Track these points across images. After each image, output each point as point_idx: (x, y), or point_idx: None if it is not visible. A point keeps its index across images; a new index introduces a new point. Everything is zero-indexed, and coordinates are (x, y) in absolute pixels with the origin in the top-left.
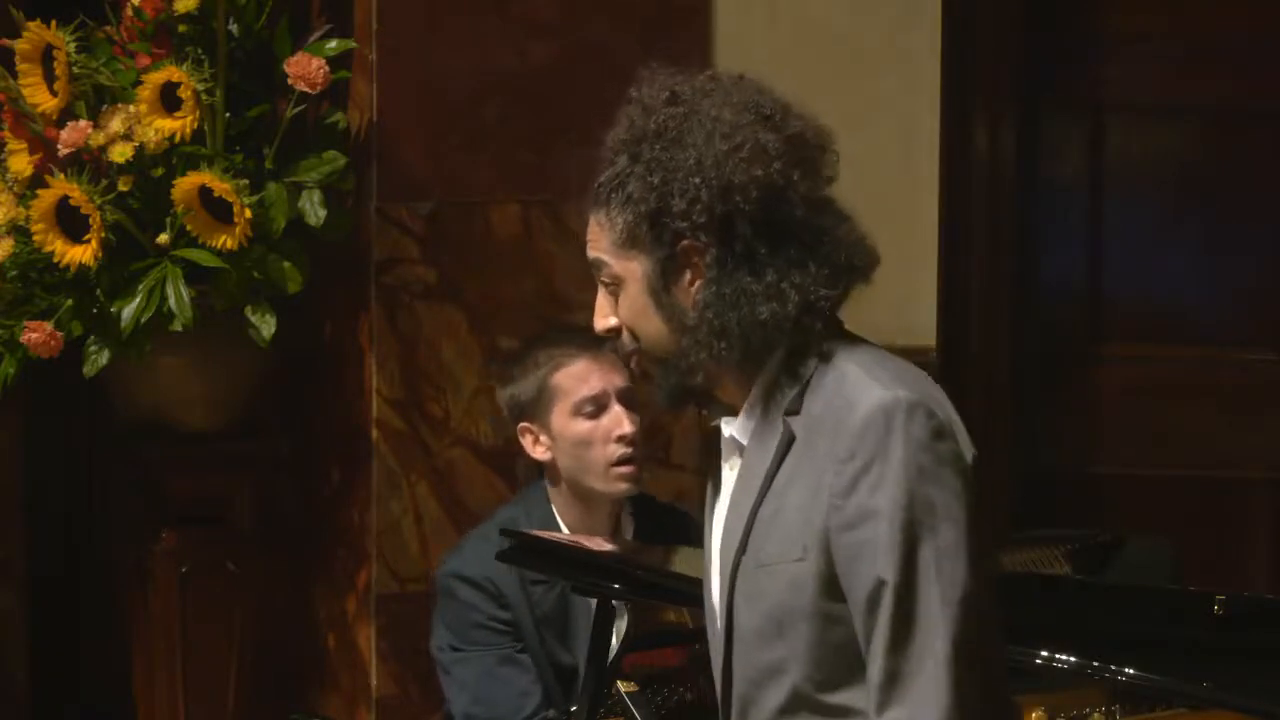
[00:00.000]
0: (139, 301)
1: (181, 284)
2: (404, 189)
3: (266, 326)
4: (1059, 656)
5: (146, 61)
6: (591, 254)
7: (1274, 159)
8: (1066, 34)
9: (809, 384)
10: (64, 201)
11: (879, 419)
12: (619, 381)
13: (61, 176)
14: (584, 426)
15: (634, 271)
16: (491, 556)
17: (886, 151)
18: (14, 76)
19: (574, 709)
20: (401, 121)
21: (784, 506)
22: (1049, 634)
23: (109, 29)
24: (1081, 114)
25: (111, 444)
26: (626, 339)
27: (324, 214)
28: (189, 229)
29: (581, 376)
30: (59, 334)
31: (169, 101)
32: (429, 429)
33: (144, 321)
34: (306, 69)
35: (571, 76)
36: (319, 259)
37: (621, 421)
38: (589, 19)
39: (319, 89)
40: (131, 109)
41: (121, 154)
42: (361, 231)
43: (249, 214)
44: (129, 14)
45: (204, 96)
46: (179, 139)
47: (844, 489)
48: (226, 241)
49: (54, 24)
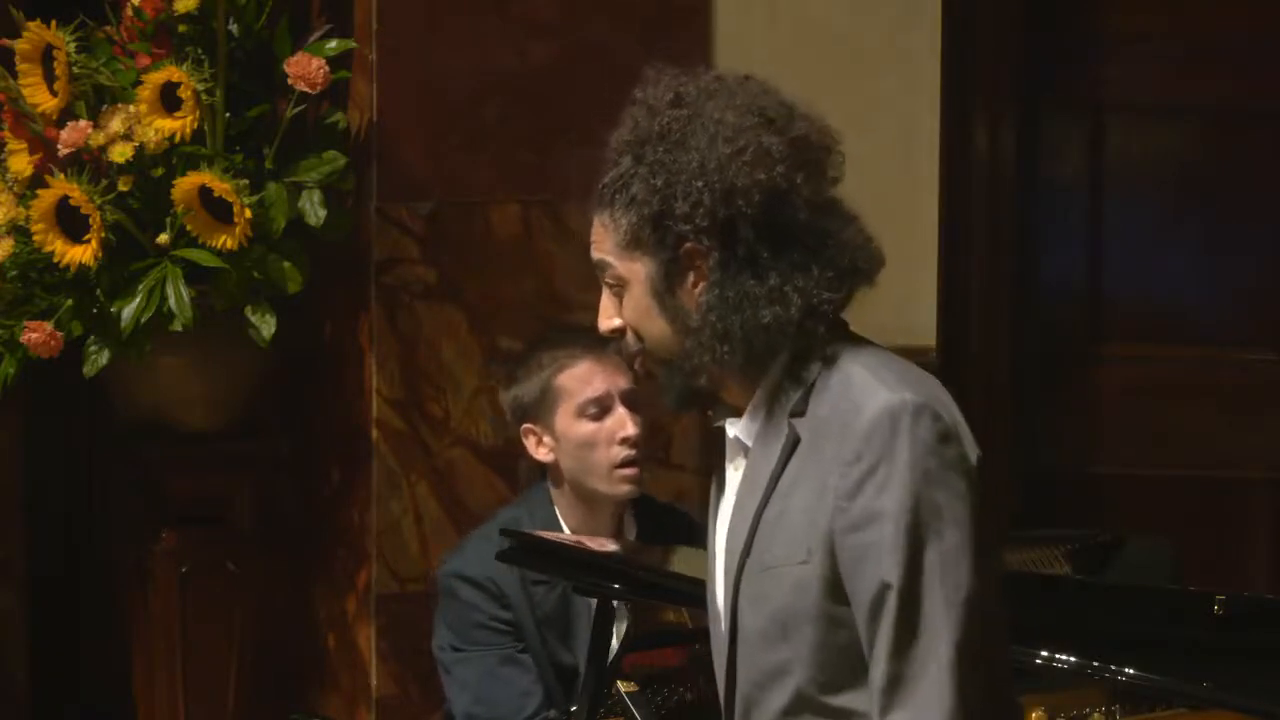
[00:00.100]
0: (139, 301)
1: (181, 284)
2: (404, 189)
3: (266, 326)
4: (1059, 656)
5: (146, 61)
6: (596, 255)
7: (1274, 159)
8: (1066, 34)
9: (814, 386)
10: (64, 201)
11: (885, 422)
12: (622, 383)
13: (61, 176)
14: (587, 428)
15: (638, 273)
16: (493, 556)
17: (886, 151)
18: (14, 76)
19: (574, 709)
20: (401, 121)
21: (789, 509)
22: (1049, 634)
23: (109, 29)
24: (1081, 114)
25: (111, 444)
26: (631, 340)
27: (324, 214)
28: (189, 229)
29: (585, 378)
30: (59, 334)
31: (169, 101)
32: (429, 429)
33: (144, 321)
34: (306, 69)
35: (571, 76)
36: (319, 259)
37: (625, 423)
38: (589, 19)
39: (319, 89)
40: (131, 109)
41: (121, 154)
42: (361, 231)
43: (249, 214)
44: (129, 14)
45: (204, 96)
46: (179, 139)
47: (849, 491)
48: (226, 241)
49: (54, 24)
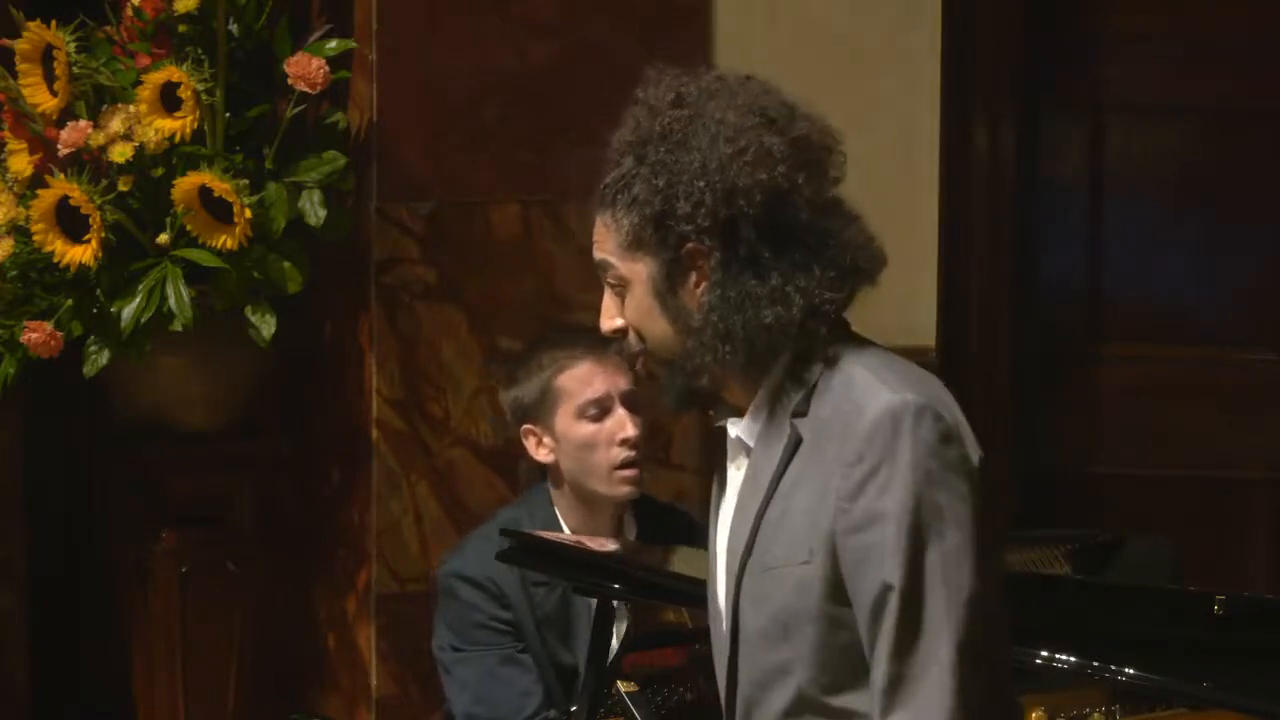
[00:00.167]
0: (139, 301)
1: (181, 284)
2: (404, 189)
3: (266, 326)
4: (1059, 656)
5: (146, 61)
6: (598, 255)
7: (1274, 159)
8: (1066, 34)
9: (816, 387)
10: (64, 201)
11: (887, 422)
12: (623, 384)
13: (61, 176)
14: (588, 429)
15: (639, 273)
16: (493, 556)
17: (886, 151)
18: (14, 76)
19: (574, 709)
20: (401, 121)
21: (790, 509)
22: (1049, 634)
23: (109, 29)
24: (1081, 114)
25: (111, 444)
26: (633, 340)
27: (324, 214)
28: (189, 229)
29: (585, 379)
30: (59, 334)
31: (169, 101)
32: (429, 429)
33: (144, 321)
34: (306, 69)
35: (571, 76)
36: (319, 259)
37: (625, 425)
38: (589, 19)
39: (319, 89)
40: (131, 109)
41: (121, 154)
42: (361, 231)
43: (249, 214)
44: (129, 14)
45: (204, 96)
46: (179, 139)
47: (851, 492)
48: (226, 241)
49: (54, 24)
